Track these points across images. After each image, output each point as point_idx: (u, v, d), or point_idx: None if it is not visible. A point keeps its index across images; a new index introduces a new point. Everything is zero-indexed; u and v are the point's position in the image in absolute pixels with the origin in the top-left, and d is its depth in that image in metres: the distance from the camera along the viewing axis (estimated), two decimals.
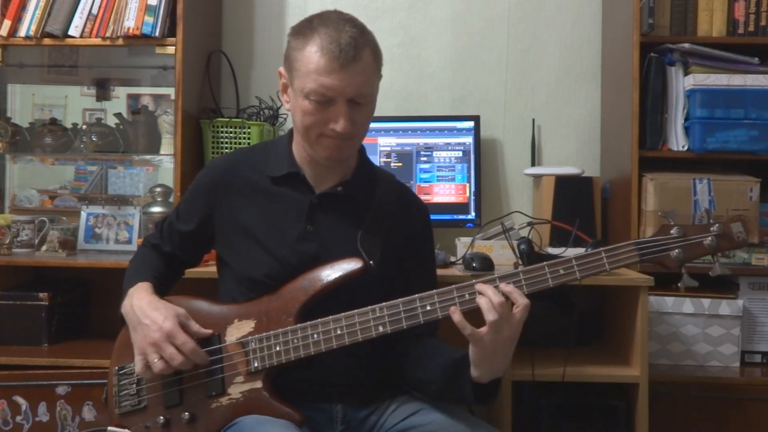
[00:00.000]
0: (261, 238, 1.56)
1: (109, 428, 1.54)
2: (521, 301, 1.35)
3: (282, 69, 1.55)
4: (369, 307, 1.45)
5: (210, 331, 1.50)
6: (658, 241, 1.36)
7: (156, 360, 1.44)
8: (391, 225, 1.60)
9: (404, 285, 1.52)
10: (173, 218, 1.69)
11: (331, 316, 1.46)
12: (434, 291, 1.42)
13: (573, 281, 1.39)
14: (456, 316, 1.36)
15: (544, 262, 1.39)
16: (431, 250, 1.71)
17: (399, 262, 1.59)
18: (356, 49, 1.43)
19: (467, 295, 1.41)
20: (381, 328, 1.43)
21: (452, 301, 1.42)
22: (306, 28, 1.47)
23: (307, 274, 1.51)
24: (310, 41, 1.44)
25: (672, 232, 1.35)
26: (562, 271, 1.38)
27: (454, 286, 1.43)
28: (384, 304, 1.44)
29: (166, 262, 1.69)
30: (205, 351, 1.49)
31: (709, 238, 1.33)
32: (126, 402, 1.54)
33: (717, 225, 1.34)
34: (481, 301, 1.35)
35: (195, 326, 1.49)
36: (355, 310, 1.45)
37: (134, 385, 1.54)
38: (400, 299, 1.44)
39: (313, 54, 1.43)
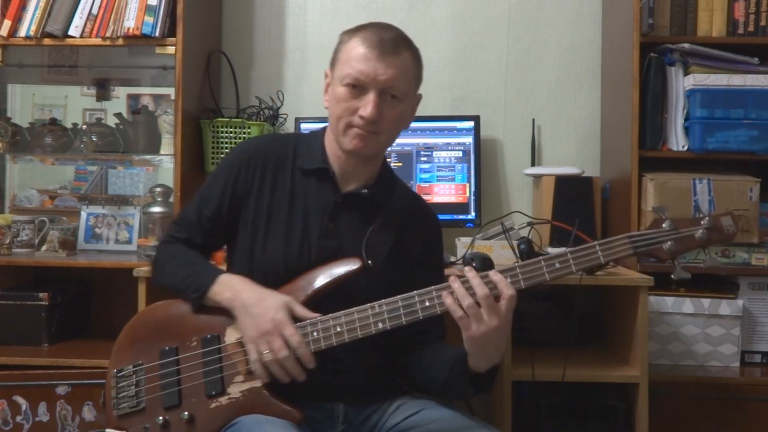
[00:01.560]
0: (283, 228, 1.56)
1: (107, 430, 1.53)
2: (507, 292, 1.35)
3: (327, 70, 1.59)
4: (368, 304, 1.45)
5: (316, 315, 1.46)
6: (650, 234, 1.39)
7: (266, 351, 1.44)
8: (400, 230, 1.60)
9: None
10: (200, 206, 1.62)
11: (330, 314, 1.46)
12: (432, 287, 1.43)
13: (569, 274, 1.40)
14: (448, 299, 1.37)
15: (540, 257, 1.41)
16: (440, 261, 1.71)
17: (407, 269, 1.60)
18: (396, 44, 1.50)
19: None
20: (380, 325, 1.44)
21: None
22: (356, 27, 1.56)
23: (306, 274, 1.51)
24: (357, 35, 1.52)
25: (664, 225, 1.39)
26: (558, 265, 1.39)
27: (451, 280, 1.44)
28: (383, 300, 1.45)
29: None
30: (205, 351, 1.50)
31: (700, 231, 1.36)
32: (124, 404, 1.53)
33: (707, 218, 1.37)
34: (447, 301, 1.37)
35: (301, 310, 1.47)
36: (354, 308, 1.45)
37: (133, 387, 1.53)
38: (399, 296, 1.44)
39: (355, 44, 1.51)
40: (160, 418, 1.49)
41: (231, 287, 1.50)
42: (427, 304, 1.43)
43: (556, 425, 2.08)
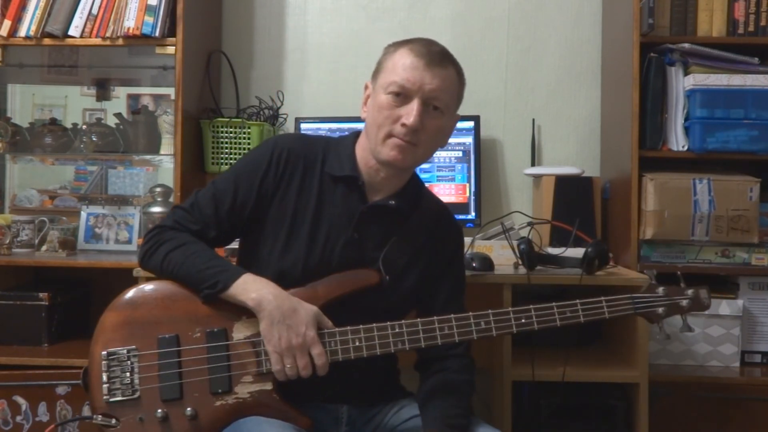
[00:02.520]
0: (306, 233, 1.54)
1: (96, 417, 1.46)
2: None
3: (368, 82, 1.58)
4: (388, 323, 1.46)
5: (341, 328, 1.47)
6: (649, 298, 1.56)
7: (290, 365, 1.43)
8: (423, 241, 1.59)
9: (430, 306, 1.55)
10: (217, 198, 1.55)
11: (349, 327, 1.46)
12: (452, 315, 1.47)
13: (576, 323, 1.52)
14: None
15: (553, 303, 1.51)
16: (460, 275, 1.69)
17: (425, 280, 1.60)
18: (444, 57, 1.53)
19: (483, 324, 1.47)
20: (400, 345, 1.46)
21: (469, 327, 1.47)
22: (403, 40, 1.56)
23: (323, 280, 1.51)
24: (403, 47, 1.53)
25: (658, 291, 1.56)
26: (569, 313, 1.52)
27: (471, 313, 1.47)
28: (404, 321, 1.47)
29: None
30: (210, 346, 1.47)
31: (685, 301, 1.57)
32: (117, 390, 1.46)
33: (691, 290, 1.57)
34: None
35: (329, 324, 1.47)
36: (374, 324, 1.46)
37: (127, 374, 1.47)
38: (419, 319, 1.47)
39: (403, 54, 1.52)
40: (159, 411, 1.44)
41: (257, 289, 1.46)
42: (446, 331, 1.46)
43: (556, 425, 2.08)
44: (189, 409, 1.44)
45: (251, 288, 1.46)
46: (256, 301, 1.45)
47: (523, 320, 1.49)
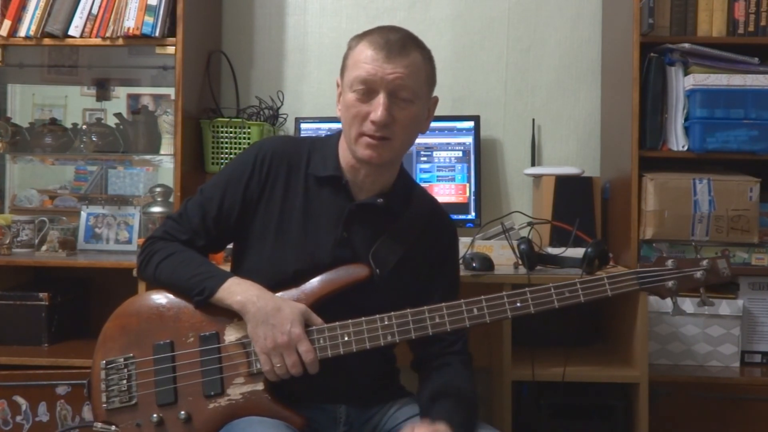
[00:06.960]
0: (296, 236, 1.53)
1: (96, 424, 1.49)
2: None
3: (338, 79, 1.56)
4: (377, 315, 1.45)
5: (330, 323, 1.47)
6: (655, 272, 1.45)
7: (279, 365, 1.43)
8: (416, 239, 1.58)
9: (425, 303, 1.52)
10: (204, 206, 1.57)
11: (338, 322, 1.45)
12: (443, 304, 1.45)
13: (577, 304, 1.44)
14: None
15: (551, 284, 1.44)
16: (453, 272, 1.67)
17: (417, 277, 1.58)
18: (404, 44, 1.47)
19: (475, 310, 1.44)
20: (390, 338, 1.45)
21: (461, 315, 1.44)
22: (364, 32, 1.53)
23: (314, 278, 1.51)
24: (364, 39, 1.50)
25: (668, 263, 1.45)
26: (567, 293, 1.44)
27: (462, 300, 1.45)
28: (393, 313, 1.45)
29: None
30: (203, 349, 1.48)
31: (700, 272, 1.44)
32: (115, 398, 1.49)
33: (706, 261, 1.45)
34: None
35: (317, 320, 1.46)
36: (363, 318, 1.45)
37: (124, 381, 1.49)
38: (409, 310, 1.45)
39: (363, 47, 1.48)
40: (155, 415, 1.46)
41: (242, 292, 1.47)
42: (437, 320, 1.44)
43: (556, 425, 2.09)
44: (182, 412, 1.45)
45: (236, 291, 1.47)
46: (240, 304, 1.46)
47: (518, 304, 1.44)
